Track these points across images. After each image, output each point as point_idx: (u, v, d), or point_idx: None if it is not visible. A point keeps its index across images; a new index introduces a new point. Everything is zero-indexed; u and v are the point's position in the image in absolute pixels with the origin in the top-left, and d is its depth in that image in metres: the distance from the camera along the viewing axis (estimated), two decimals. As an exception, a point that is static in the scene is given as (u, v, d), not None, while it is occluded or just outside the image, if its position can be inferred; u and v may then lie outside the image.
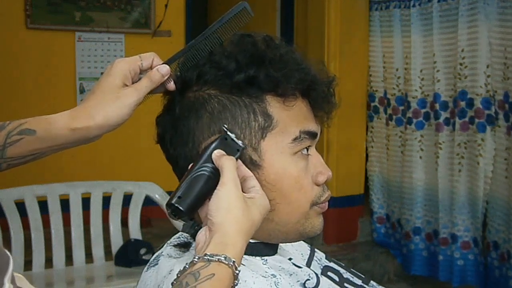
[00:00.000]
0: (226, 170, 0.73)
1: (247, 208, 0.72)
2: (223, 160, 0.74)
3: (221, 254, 0.67)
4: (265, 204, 0.75)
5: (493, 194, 2.96)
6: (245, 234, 0.71)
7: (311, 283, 0.83)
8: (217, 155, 0.75)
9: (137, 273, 1.87)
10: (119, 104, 0.78)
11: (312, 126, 0.82)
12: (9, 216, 2.41)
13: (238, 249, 0.69)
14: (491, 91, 2.92)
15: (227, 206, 0.71)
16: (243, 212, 0.71)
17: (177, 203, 0.73)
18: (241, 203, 0.71)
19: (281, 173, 0.79)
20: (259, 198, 0.74)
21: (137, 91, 0.79)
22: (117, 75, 0.79)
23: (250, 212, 0.72)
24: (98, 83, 0.79)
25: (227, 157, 0.75)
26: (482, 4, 2.89)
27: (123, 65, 0.80)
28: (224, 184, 0.72)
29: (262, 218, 0.74)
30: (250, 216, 0.72)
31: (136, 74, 0.81)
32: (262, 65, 0.78)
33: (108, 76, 0.79)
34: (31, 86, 3.61)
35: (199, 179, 0.74)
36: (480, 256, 3.10)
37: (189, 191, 0.73)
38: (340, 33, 3.53)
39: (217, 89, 0.79)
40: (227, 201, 0.71)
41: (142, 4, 3.81)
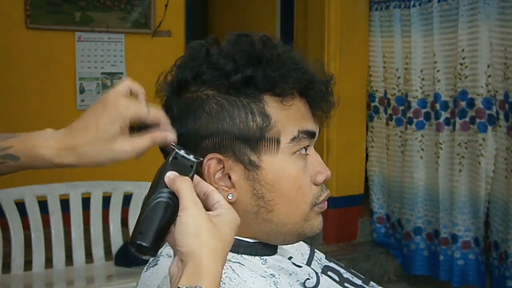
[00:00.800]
0: (183, 193, 0.68)
1: (215, 228, 0.66)
2: (178, 182, 0.69)
3: (194, 285, 0.62)
4: (234, 218, 0.69)
5: (494, 193, 2.96)
6: (219, 255, 0.66)
7: (311, 283, 0.83)
8: (170, 177, 0.70)
9: (137, 273, 1.87)
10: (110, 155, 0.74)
11: (311, 126, 0.82)
12: (9, 216, 2.41)
13: (213, 276, 0.64)
14: (492, 91, 2.92)
15: (193, 231, 0.65)
16: (212, 233, 0.66)
17: (139, 240, 0.66)
18: (208, 225, 0.66)
19: (279, 173, 0.79)
20: (226, 214, 0.69)
21: (132, 149, 0.74)
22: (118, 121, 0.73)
23: (219, 231, 0.66)
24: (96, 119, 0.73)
25: (181, 178, 0.69)
26: (482, 4, 2.89)
27: (129, 112, 0.74)
28: (185, 209, 0.67)
29: (234, 233, 0.69)
30: (221, 236, 0.66)
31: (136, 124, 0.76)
32: (260, 65, 0.78)
33: (108, 118, 0.73)
34: (31, 86, 3.61)
35: (157, 208, 0.68)
36: (481, 256, 3.10)
37: (149, 224, 0.67)
38: (340, 33, 3.53)
39: (214, 89, 0.79)
40: (193, 226, 0.65)
41: (142, 4, 3.81)
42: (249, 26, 4.63)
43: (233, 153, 0.78)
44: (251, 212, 0.80)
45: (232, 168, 0.79)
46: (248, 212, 0.80)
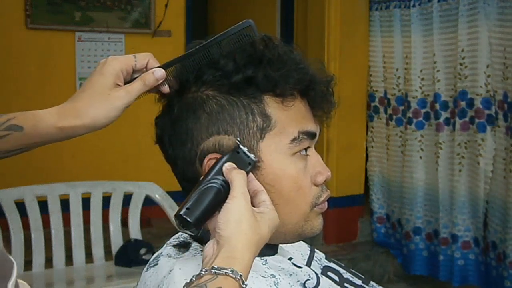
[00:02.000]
0: (236, 184, 0.72)
1: (256, 222, 0.71)
2: (234, 173, 0.73)
3: (228, 267, 0.66)
4: (274, 219, 0.74)
5: (493, 194, 2.96)
6: (253, 248, 0.70)
7: (311, 283, 0.83)
8: (227, 168, 0.74)
9: (137, 273, 1.87)
10: (108, 106, 0.76)
11: (311, 126, 0.82)
12: (9, 216, 2.41)
13: (246, 263, 0.68)
14: (491, 91, 2.92)
15: (236, 220, 0.69)
16: (252, 226, 0.70)
17: (185, 215, 0.72)
18: (250, 217, 0.70)
19: (280, 173, 0.79)
20: (269, 213, 0.73)
21: (128, 93, 0.78)
22: (109, 74, 0.77)
23: (259, 226, 0.71)
24: (89, 81, 0.78)
25: (237, 170, 0.74)
26: (482, 4, 2.89)
27: (116, 64, 0.78)
28: (234, 198, 0.71)
29: (271, 232, 0.73)
30: (259, 231, 0.71)
31: (129, 74, 0.80)
32: (260, 65, 0.78)
33: (100, 74, 0.77)
34: (31, 86, 3.61)
35: (208, 191, 0.73)
36: (481, 256, 3.10)
37: (198, 203, 0.72)
38: (340, 33, 3.53)
39: (215, 89, 0.79)
40: (236, 215, 0.70)
41: (142, 4, 3.81)
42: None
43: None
44: (251, 212, 0.80)
45: (232, 168, 0.79)
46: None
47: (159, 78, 0.79)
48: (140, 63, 0.80)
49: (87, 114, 0.76)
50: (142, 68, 0.80)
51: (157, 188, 2.65)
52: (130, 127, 3.45)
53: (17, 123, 0.77)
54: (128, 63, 0.79)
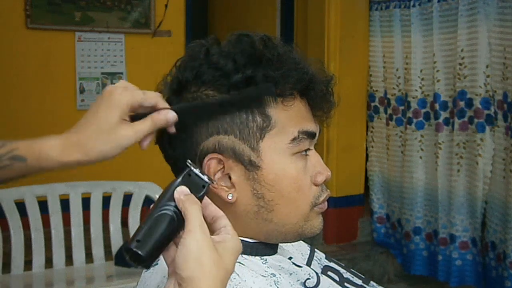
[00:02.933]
0: (191, 215, 0.65)
1: (218, 256, 0.64)
2: (187, 204, 0.66)
3: None
4: (237, 246, 0.67)
5: (491, 194, 2.96)
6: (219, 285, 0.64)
7: (311, 282, 0.83)
8: (179, 195, 0.67)
9: (137, 273, 1.87)
10: (114, 144, 0.74)
11: (311, 126, 0.82)
12: (9, 216, 2.41)
13: None
14: (491, 91, 2.92)
15: (195, 257, 0.63)
16: (215, 261, 0.64)
17: (136, 248, 0.64)
18: (212, 252, 0.64)
19: (280, 173, 0.79)
20: (230, 241, 0.67)
21: (136, 133, 0.74)
22: (117, 109, 0.74)
23: (222, 260, 0.65)
24: (95, 113, 0.74)
25: (191, 200, 0.67)
26: (482, 4, 2.89)
27: (124, 98, 0.74)
28: (190, 232, 0.64)
29: (235, 261, 0.67)
30: (223, 265, 0.65)
31: (135, 110, 0.76)
32: (260, 65, 0.78)
33: (107, 108, 0.74)
34: (31, 86, 3.61)
35: (161, 219, 0.66)
36: (478, 256, 3.10)
37: (150, 234, 0.65)
38: (340, 33, 3.54)
39: (215, 89, 0.79)
40: (195, 252, 0.63)
41: (142, 4, 3.81)
42: (249, 26, 4.63)
43: (233, 153, 0.78)
44: (251, 212, 0.80)
45: (232, 168, 0.79)
46: (248, 212, 0.80)
47: (170, 123, 0.76)
48: (148, 102, 0.76)
49: (93, 150, 0.74)
50: (150, 107, 0.77)
51: (157, 188, 2.65)
52: (130, 127, 3.44)
53: (20, 154, 0.75)
54: (136, 99, 0.75)
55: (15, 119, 3.54)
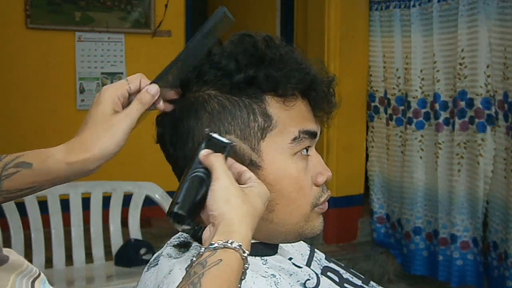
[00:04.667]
0: (216, 166, 0.73)
1: (245, 195, 0.72)
2: (210, 158, 0.74)
3: (226, 240, 0.67)
4: (264, 191, 0.75)
5: (493, 194, 2.96)
6: (248, 220, 0.71)
7: (311, 283, 0.83)
8: (204, 154, 0.74)
9: (137, 273, 1.87)
10: (113, 132, 0.77)
11: (312, 126, 0.82)
12: (9, 216, 2.41)
13: (243, 234, 0.69)
14: (491, 91, 2.92)
15: (224, 197, 0.71)
16: (242, 198, 0.71)
17: (177, 209, 0.72)
18: (238, 192, 0.71)
19: (280, 173, 0.79)
20: (257, 186, 0.74)
21: (128, 116, 0.78)
22: (106, 102, 0.78)
23: (249, 198, 0.72)
24: (89, 113, 0.78)
25: (214, 154, 0.74)
26: (482, 4, 2.89)
27: (111, 91, 0.79)
28: (217, 179, 0.72)
29: (264, 204, 0.74)
30: (250, 202, 0.72)
31: (125, 98, 0.80)
32: (262, 65, 0.78)
33: (98, 104, 0.78)
34: (31, 86, 3.61)
35: (193, 181, 0.74)
36: (479, 256, 3.10)
37: (186, 195, 0.73)
38: (340, 33, 3.54)
39: (216, 89, 0.79)
40: (223, 193, 0.71)
41: (142, 4, 3.81)
42: (249, 26, 4.61)
43: (234, 153, 0.78)
44: (251, 212, 0.80)
45: (233, 168, 0.79)
46: (248, 212, 0.80)
47: (154, 94, 0.79)
48: (133, 86, 0.80)
49: (94, 145, 0.76)
50: (136, 90, 0.80)
51: (157, 188, 2.65)
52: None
53: (25, 160, 0.77)
54: (122, 88, 0.79)
55: (15, 119, 3.54)
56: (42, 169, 0.77)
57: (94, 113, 0.78)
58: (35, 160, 0.77)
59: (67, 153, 0.76)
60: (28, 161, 0.77)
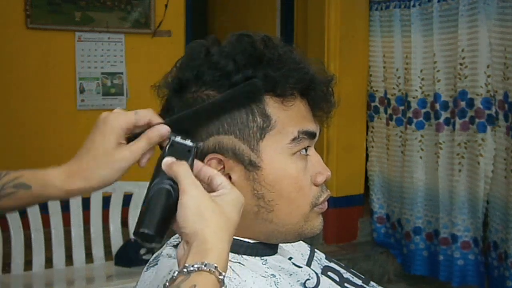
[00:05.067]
0: (181, 176, 0.69)
1: (217, 206, 0.67)
2: (174, 168, 0.70)
3: (200, 262, 0.63)
4: (237, 197, 0.70)
5: (493, 194, 2.96)
6: (223, 235, 0.66)
7: (311, 283, 0.83)
8: (166, 164, 0.71)
9: (137, 273, 1.87)
10: (114, 167, 0.75)
11: (311, 126, 0.82)
12: (9, 216, 2.41)
13: (219, 252, 0.65)
14: (491, 91, 2.92)
15: (195, 212, 0.66)
16: (214, 211, 0.66)
17: (143, 229, 0.66)
18: (209, 203, 0.67)
19: (280, 173, 0.79)
20: (229, 193, 0.69)
21: (133, 154, 0.76)
22: (112, 135, 0.75)
23: (222, 209, 0.67)
24: (92, 141, 0.76)
25: (177, 163, 0.70)
26: (482, 4, 2.89)
27: (117, 123, 0.76)
28: (185, 191, 0.67)
29: (239, 212, 0.69)
30: (224, 214, 0.67)
31: (130, 131, 0.77)
32: (260, 65, 0.78)
33: (103, 136, 0.75)
34: (31, 86, 3.61)
35: (159, 196, 0.68)
36: (480, 256, 3.10)
37: (152, 212, 0.67)
38: (340, 33, 3.54)
39: (215, 90, 0.79)
40: (193, 207, 0.66)
41: (142, 4, 3.81)
42: (249, 26, 4.63)
43: (233, 154, 0.78)
44: (251, 212, 0.80)
45: (233, 169, 0.78)
46: (248, 212, 0.79)
47: (163, 136, 0.77)
48: (142, 121, 0.77)
49: (94, 177, 0.76)
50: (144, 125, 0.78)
51: (157, 188, 2.65)
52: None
53: (25, 182, 0.77)
54: (130, 121, 0.77)
55: (15, 119, 3.53)
56: (40, 193, 0.77)
57: (97, 143, 0.75)
58: (34, 183, 0.76)
59: (66, 180, 0.76)
60: (28, 183, 0.76)
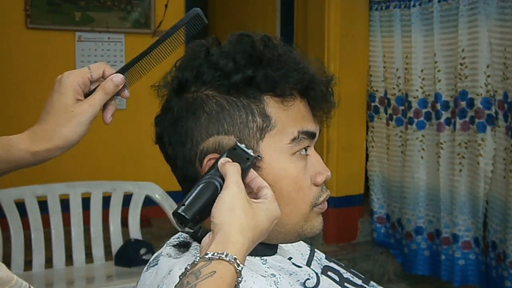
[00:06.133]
0: (229, 175, 0.73)
1: (251, 209, 0.71)
2: (227, 166, 0.74)
3: (221, 251, 0.66)
4: (273, 209, 0.73)
5: (492, 194, 2.96)
6: (248, 233, 0.69)
7: (311, 283, 0.83)
8: (222, 162, 0.75)
9: (137, 273, 1.87)
10: (75, 123, 0.77)
11: (311, 126, 0.82)
12: (9, 216, 2.41)
13: (240, 247, 0.68)
14: (491, 91, 2.92)
15: (228, 207, 0.70)
16: (246, 212, 0.70)
17: (182, 211, 0.72)
18: (244, 204, 0.71)
19: (280, 173, 0.79)
20: (267, 203, 0.73)
21: (91, 106, 0.78)
22: (68, 91, 0.77)
23: (254, 213, 0.71)
24: (50, 101, 0.77)
25: (231, 163, 0.74)
26: (482, 4, 2.89)
27: (72, 79, 0.77)
28: (227, 187, 0.72)
29: (270, 222, 0.73)
30: (254, 217, 0.71)
31: (87, 86, 0.79)
32: (260, 65, 0.78)
33: (59, 94, 0.77)
34: (31, 86, 3.61)
35: (206, 188, 0.74)
36: (481, 256, 3.10)
37: (195, 199, 0.73)
38: (340, 33, 3.53)
39: (215, 89, 0.79)
40: (229, 203, 0.70)
41: (142, 4, 3.81)
42: (249, 26, 4.63)
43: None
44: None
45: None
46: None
47: (119, 84, 0.79)
48: (96, 74, 0.79)
49: (57, 135, 0.77)
50: (98, 78, 0.80)
51: (157, 188, 2.65)
52: (130, 127, 3.45)
53: None
54: (84, 76, 0.78)
55: (15, 119, 3.53)
56: (6, 157, 0.77)
57: (56, 101, 0.77)
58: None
59: (31, 142, 0.77)
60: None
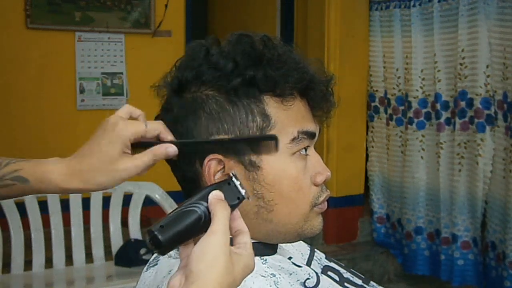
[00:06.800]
0: (219, 218, 0.67)
1: (231, 264, 0.66)
2: (218, 207, 0.68)
3: None
4: (250, 265, 0.69)
5: (492, 194, 2.96)
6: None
7: (311, 282, 0.83)
8: (214, 197, 0.70)
9: (137, 273, 1.87)
10: (116, 176, 0.75)
11: (311, 126, 0.82)
12: (9, 216, 2.41)
13: None
14: (491, 91, 2.92)
15: (211, 258, 0.64)
16: (227, 268, 0.65)
17: (157, 232, 0.66)
18: (227, 258, 0.65)
19: (280, 173, 0.79)
20: (247, 257, 0.68)
21: (136, 167, 0.75)
22: (118, 143, 0.74)
23: (233, 268, 0.66)
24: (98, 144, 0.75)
25: (223, 204, 0.69)
26: (482, 4, 2.89)
27: (126, 132, 0.75)
28: (214, 233, 0.66)
29: (243, 278, 0.68)
30: (232, 273, 0.66)
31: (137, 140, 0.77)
32: (260, 65, 0.78)
33: (108, 142, 0.74)
34: (31, 86, 3.61)
35: (188, 214, 0.68)
36: (480, 256, 3.10)
37: (174, 223, 0.67)
38: (340, 33, 3.54)
39: (215, 89, 0.79)
40: (213, 252, 0.65)
41: (142, 4, 3.81)
42: (249, 26, 4.63)
43: (233, 154, 0.78)
44: (251, 212, 0.80)
45: (233, 169, 0.78)
46: (248, 212, 0.80)
47: (170, 156, 0.77)
48: (150, 134, 0.77)
49: (93, 181, 0.75)
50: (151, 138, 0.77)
51: (157, 188, 2.65)
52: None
53: (23, 175, 0.77)
54: (138, 132, 0.76)
55: (15, 119, 3.53)
56: (37, 188, 0.77)
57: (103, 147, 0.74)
58: (32, 177, 0.77)
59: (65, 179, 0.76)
60: (26, 177, 0.77)
